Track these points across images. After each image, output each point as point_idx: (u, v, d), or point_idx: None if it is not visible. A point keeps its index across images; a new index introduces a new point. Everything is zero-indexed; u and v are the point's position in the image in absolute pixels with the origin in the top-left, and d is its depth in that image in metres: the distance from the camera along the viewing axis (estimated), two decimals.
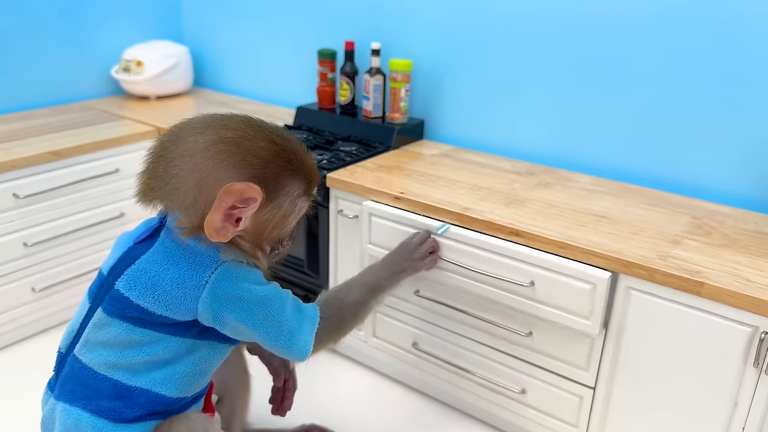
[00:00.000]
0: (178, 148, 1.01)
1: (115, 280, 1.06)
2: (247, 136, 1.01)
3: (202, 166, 0.99)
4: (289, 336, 1.09)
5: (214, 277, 1.03)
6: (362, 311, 1.25)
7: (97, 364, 1.07)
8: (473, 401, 1.69)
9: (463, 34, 1.95)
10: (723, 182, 1.63)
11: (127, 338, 1.05)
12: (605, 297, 1.31)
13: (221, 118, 1.05)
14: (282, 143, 1.04)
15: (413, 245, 1.42)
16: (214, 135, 1.00)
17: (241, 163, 1.00)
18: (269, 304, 1.07)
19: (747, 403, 1.25)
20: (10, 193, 1.85)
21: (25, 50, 2.30)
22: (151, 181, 1.03)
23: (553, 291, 1.36)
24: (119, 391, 1.07)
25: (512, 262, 1.41)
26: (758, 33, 1.50)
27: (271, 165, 1.02)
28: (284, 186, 1.05)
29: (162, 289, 1.03)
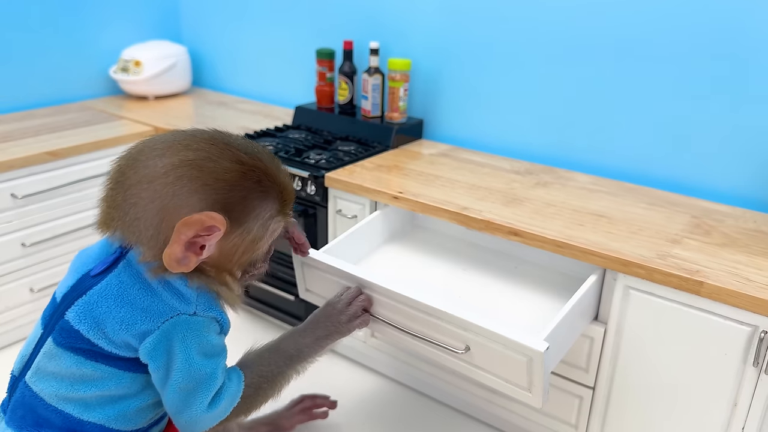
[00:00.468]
0: (136, 174, 0.92)
1: (66, 310, 1.00)
2: (211, 157, 0.92)
3: (161, 194, 0.90)
4: (193, 416, 1.02)
5: (164, 326, 0.97)
6: (280, 385, 1.13)
7: (47, 395, 1.01)
8: (473, 401, 1.69)
9: (462, 33, 1.94)
10: (722, 181, 1.63)
11: (79, 371, 0.99)
12: (542, 369, 1.11)
13: (183, 137, 0.95)
14: (250, 162, 0.95)
15: (341, 306, 1.21)
16: (174, 158, 0.91)
17: (203, 188, 0.91)
18: (195, 377, 0.99)
19: (747, 403, 1.25)
20: (8, 194, 1.84)
21: (23, 50, 2.29)
22: (110, 210, 0.96)
23: (489, 359, 1.18)
24: (71, 425, 1.02)
25: (446, 324, 1.19)
26: (758, 33, 1.49)
27: (237, 188, 0.93)
28: (253, 209, 0.96)
29: (111, 327, 0.97)
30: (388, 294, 1.21)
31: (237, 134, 1.00)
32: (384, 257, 1.58)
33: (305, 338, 1.16)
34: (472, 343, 1.16)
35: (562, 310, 1.21)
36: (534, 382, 1.13)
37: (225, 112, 2.37)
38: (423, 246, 1.63)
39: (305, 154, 1.90)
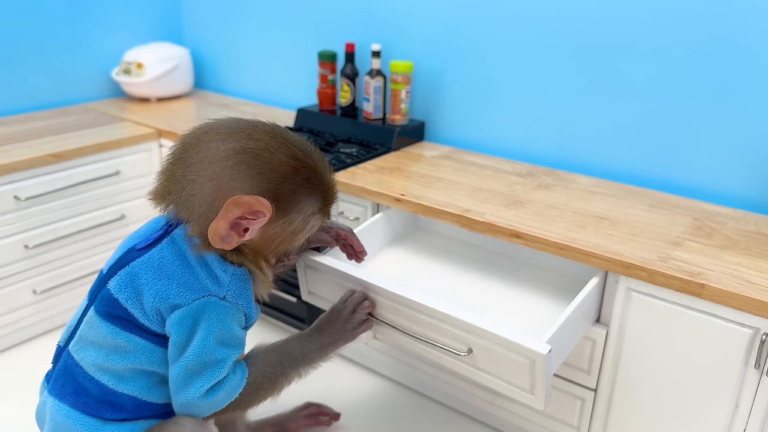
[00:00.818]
0: (198, 154, 0.99)
1: (109, 280, 1.06)
2: (269, 149, 0.99)
3: (219, 175, 0.97)
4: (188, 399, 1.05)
5: (194, 304, 1.02)
6: (281, 386, 1.16)
7: (86, 364, 1.08)
8: (475, 403, 1.69)
9: (464, 35, 1.95)
10: (724, 183, 1.63)
11: (113, 342, 1.05)
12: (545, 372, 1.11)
13: (246, 126, 1.02)
14: (303, 159, 1.02)
15: (345, 314, 1.22)
16: (236, 144, 0.98)
17: (258, 176, 0.98)
18: (205, 360, 1.03)
19: (748, 405, 1.25)
20: (11, 196, 1.85)
21: (25, 53, 2.30)
22: (168, 183, 1.02)
23: (492, 361, 1.18)
24: (106, 395, 1.07)
25: (449, 327, 1.19)
26: (758, 35, 1.50)
27: (288, 181, 1.00)
28: (298, 203, 1.02)
29: (147, 297, 1.02)
30: (390, 296, 1.22)
31: (293, 133, 1.07)
32: (386, 259, 1.58)
33: (311, 344, 1.17)
34: (475, 346, 1.16)
35: (564, 312, 1.22)
36: (536, 385, 1.13)
37: (227, 114, 2.36)
38: (425, 248, 1.64)
39: None
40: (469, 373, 1.22)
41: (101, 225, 2.09)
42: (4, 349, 1.99)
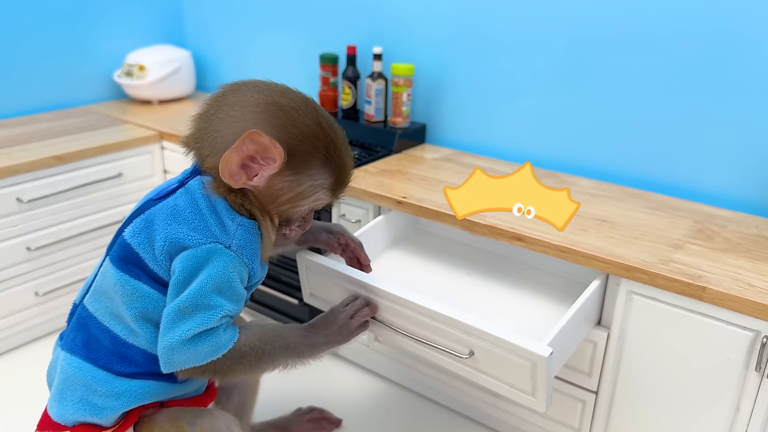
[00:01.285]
0: (234, 98, 1.04)
1: (125, 228, 1.10)
2: (298, 110, 1.03)
3: (246, 119, 1.02)
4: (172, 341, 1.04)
5: (201, 248, 1.04)
6: (265, 366, 1.13)
7: (100, 314, 1.11)
8: (476, 405, 1.70)
9: (465, 38, 1.95)
10: (724, 186, 1.63)
11: (122, 289, 1.08)
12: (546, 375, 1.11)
13: (284, 88, 1.07)
14: (328, 130, 1.06)
15: (343, 318, 1.21)
16: (269, 97, 1.03)
17: (281, 127, 1.02)
18: (198, 304, 1.03)
19: (749, 408, 1.25)
20: (13, 198, 1.85)
21: (27, 55, 2.30)
22: (200, 122, 1.06)
23: (493, 363, 1.18)
24: (117, 346, 1.10)
25: (450, 329, 1.19)
26: (759, 38, 1.50)
27: (307, 143, 1.03)
28: (311, 167, 1.05)
29: (159, 243, 1.05)
30: (392, 299, 1.22)
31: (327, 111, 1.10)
32: (388, 262, 1.59)
33: (305, 339, 1.17)
34: (476, 348, 1.17)
35: (565, 315, 1.22)
36: (538, 387, 1.13)
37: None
38: (426, 251, 1.64)
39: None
40: (471, 376, 1.23)
41: (103, 227, 2.10)
42: (7, 351, 2.00)
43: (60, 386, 1.13)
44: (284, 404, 1.76)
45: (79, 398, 1.11)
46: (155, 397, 1.15)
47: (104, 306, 1.11)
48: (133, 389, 1.11)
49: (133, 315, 1.08)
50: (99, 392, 1.10)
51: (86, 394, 1.11)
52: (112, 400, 1.10)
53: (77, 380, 1.11)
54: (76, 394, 1.11)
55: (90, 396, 1.10)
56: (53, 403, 1.14)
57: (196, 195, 1.07)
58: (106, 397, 1.10)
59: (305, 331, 1.18)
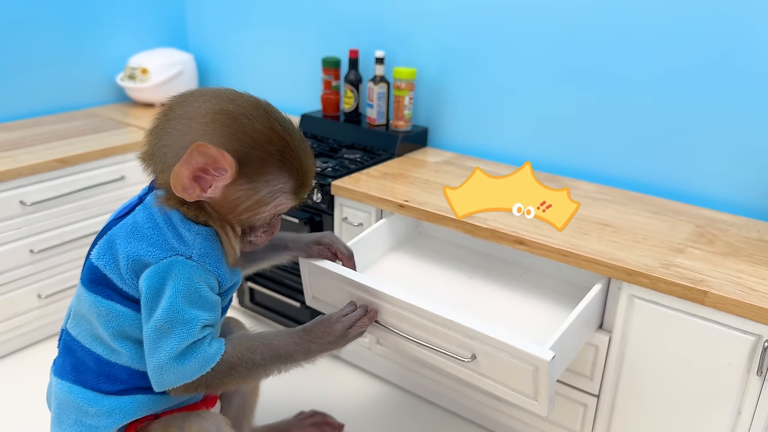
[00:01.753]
0: (181, 110, 1.02)
1: (91, 251, 1.11)
2: (248, 115, 1.01)
3: (194, 130, 1.00)
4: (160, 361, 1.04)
5: (162, 263, 1.03)
6: (257, 376, 1.13)
7: (82, 337, 1.12)
8: (478, 408, 1.70)
9: (467, 42, 1.96)
10: (726, 190, 1.64)
11: (96, 311, 1.08)
12: (548, 379, 1.11)
13: (231, 94, 1.04)
14: (281, 133, 1.03)
15: (340, 328, 1.18)
16: (217, 105, 1.01)
17: (230, 136, 0.99)
18: (174, 320, 1.03)
19: (750, 411, 1.26)
20: (16, 201, 1.86)
21: (30, 58, 2.31)
22: (152, 137, 1.05)
23: (495, 367, 1.18)
24: (102, 366, 1.11)
25: (452, 333, 1.20)
26: (761, 42, 1.51)
27: (259, 148, 1.01)
28: (266, 173, 1.03)
29: (123, 263, 1.05)
30: (394, 302, 1.23)
31: (282, 114, 1.08)
32: (390, 265, 1.59)
33: (298, 346, 1.15)
34: (478, 352, 1.17)
35: (567, 318, 1.23)
36: (540, 391, 1.14)
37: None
38: (428, 254, 1.65)
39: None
40: (473, 379, 1.23)
41: None
42: (10, 353, 2.00)
43: (56, 411, 1.15)
44: (286, 408, 1.76)
45: (74, 421, 1.12)
46: (147, 410, 1.15)
47: (84, 329, 1.12)
48: (124, 406, 1.12)
49: (111, 334, 1.09)
50: (91, 413, 1.11)
51: (80, 416, 1.12)
52: (104, 418, 1.11)
53: (70, 404, 1.12)
54: (71, 417, 1.13)
55: (83, 417, 1.12)
56: (53, 428, 1.17)
57: (153, 210, 1.07)
58: (98, 417, 1.11)
59: (299, 337, 1.16)
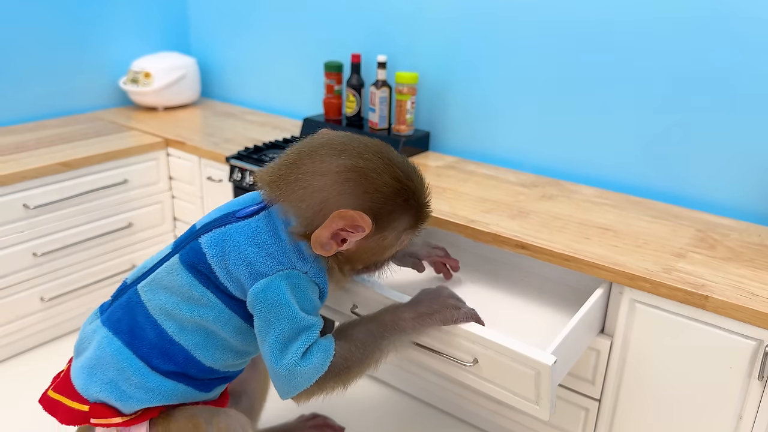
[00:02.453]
0: (313, 165, 1.08)
1: (202, 235, 1.13)
2: (376, 170, 1.07)
3: (329, 188, 1.06)
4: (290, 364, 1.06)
5: (279, 274, 1.08)
6: (372, 354, 1.14)
7: (152, 306, 1.13)
8: (480, 412, 1.70)
9: (469, 47, 1.97)
10: (727, 195, 1.64)
11: (188, 292, 1.11)
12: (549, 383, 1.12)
13: (358, 145, 1.10)
14: (404, 181, 1.10)
15: (448, 292, 1.21)
16: (348, 161, 1.07)
17: (363, 194, 1.06)
18: (298, 328, 1.07)
19: (752, 416, 1.26)
20: (20, 204, 1.87)
21: (34, 61, 2.32)
22: (279, 182, 1.10)
23: (497, 371, 1.18)
24: (162, 342, 1.12)
25: (454, 337, 1.20)
26: (763, 47, 1.51)
27: (389, 202, 1.08)
28: (394, 221, 1.10)
29: (233, 261, 1.09)
30: None
31: (397, 153, 1.15)
32: (391, 269, 1.59)
33: (406, 312, 1.17)
34: (480, 356, 1.18)
35: (569, 323, 1.23)
36: (541, 395, 1.14)
37: (234, 123, 2.39)
38: None
39: None
40: (475, 383, 1.23)
41: (109, 233, 2.11)
42: (12, 356, 2.01)
43: (93, 361, 1.14)
44: (288, 411, 1.77)
45: (109, 380, 1.13)
46: (181, 399, 1.17)
47: (159, 300, 1.13)
48: (165, 388, 1.13)
49: (190, 318, 1.11)
50: (131, 381, 1.12)
51: (118, 378, 1.12)
52: (142, 392, 1.12)
53: (113, 363, 1.13)
54: (107, 374, 1.13)
55: (121, 382, 1.12)
56: (80, 374, 1.15)
57: (278, 223, 1.11)
58: (136, 388, 1.12)
59: (405, 305, 1.19)
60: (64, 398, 1.16)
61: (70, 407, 1.15)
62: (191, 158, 2.15)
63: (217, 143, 2.13)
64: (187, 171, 2.19)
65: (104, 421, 1.13)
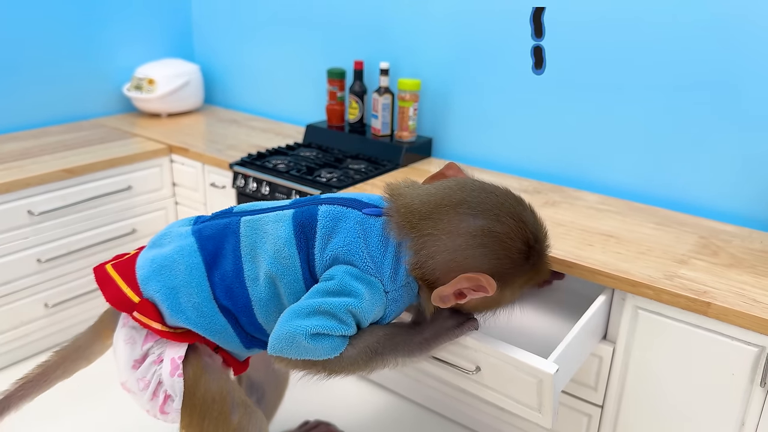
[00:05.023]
0: (450, 224, 1.08)
1: (323, 203, 1.15)
2: (510, 235, 1.08)
3: (461, 250, 1.07)
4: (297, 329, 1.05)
5: (368, 277, 1.09)
6: (376, 364, 1.15)
7: (244, 242, 1.15)
8: (482, 418, 1.70)
9: (471, 54, 1.97)
10: (730, 201, 1.64)
11: (282, 248, 1.12)
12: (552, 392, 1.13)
13: (494, 204, 1.10)
14: (535, 247, 1.11)
15: (452, 323, 1.20)
16: (486, 224, 1.07)
17: (494, 260, 1.07)
18: (334, 313, 1.06)
19: (754, 422, 1.26)
20: (24, 210, 1.88)
21: (39, 69, 2.33)
22: (412, 221, 1.10)
23: (499, 379, 1.20)
24: (234, 279, 1.14)
25: (457, 345, 1.21)
26: (763, 51, 1.51)
27: (518, 267, 1.09)
28: (516, 280, 1.11)
29: (337, 240, 1.11)
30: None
31: (529, 205, 1.16)
32: None
33: (413, 336, 1.17)
34: (483, 364, 1.18)
35: (572, 330, 1.23)
36: (544, 403, 1.14)
37: (237, 130, 2.40)
38: None
39: (317, 173, 1.92)
40: (477, 391, 1.24)
41: (113, 239, 2.12)
42: (17, 362, 2.01)
43: (167, 260, 1.15)
44: (291, 417, 1.77)
45: (173, 286, 1.13)
46: (223, 340, 1.17)
47: (252, 239, 1.14)
48: (216, 320, 1.14)
49: (269, 271, 1.12)
50: (191, 298, 1.13)
51: (181, 289, 1.13)
52: (194, 313, 1.13)
53: (184, 273, 1.14)
54: (174, 280, 1.14)
55: (182, 294, 1.13)
56: (148, 266, 1.16)
57: (391, 235, 1.11)
58: (192, 307, 1.13)
59: (411, 328, 1.19)
60: (120, 279, 1.17)
61: (121, 290, 1.16)
62: (195, 165, 2.16)
63: (220, 150, 2.14)
64: (190, 177, 2.20)
65: (145, 320, 1.13)
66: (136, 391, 1.19)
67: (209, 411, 1.16)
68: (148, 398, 1.18)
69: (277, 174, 1.92)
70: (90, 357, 1.28)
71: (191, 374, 1.15)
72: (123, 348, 1.18)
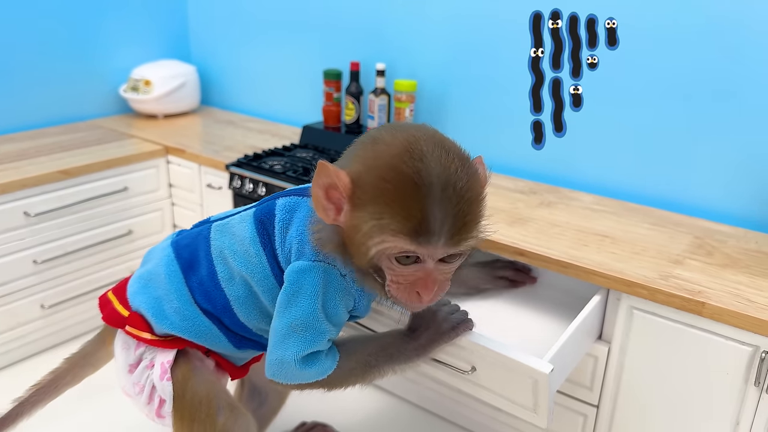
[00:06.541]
0: None
1: (281, 197, 1.15)
2: (392, 144, 0.94)
3: (346, 152, 1.04)
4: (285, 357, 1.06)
5: (319, 265, 1.06)
6: (372, 377, 1.15)
7: (215, 246, 1.17)
8: (478, 419, 1.71)
9: (467, 55, 1.98)
10: (724, 202, 1.65)
11: (247, 247, 1.13)
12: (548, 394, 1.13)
13: (420, 129, 1.01)
14: (414, 166, 0.91)
15: (442, 315, 1.17)
16: (379, 132, 1.01)
17: (360, 158, 0.97)
18: (309, 325, 1.05)
19: (748, 422, 1.26)
20: (20, 211, 1.87)
21: (35, 70, 2.33)
22: None
23: (494, 379, 1.19)
24: (209, 282, 1.16)
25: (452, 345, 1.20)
26: (759, 54, 1.52)
27: (374, 173, 0.93)
28: (376, 203, 0.92)
29: (293, 231, 1.09)
30: (393, 314, 1.24)
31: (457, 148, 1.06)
32: None
33: (408, 344, 1.16)
34: (478, 364, 1.18)
35: (566, 330, 1.24)
36: (539, 403, 1.15)
37: (233, 131, 2.40)
38: None
39: (313, 174, 1.92)
40: (472, 391, 1.24)
41: (109, 240, 2.12)
42: (12, 363, 2.01)
43: (150, 275, 1.20)
44: (288, 419, 1.77)
45: (156, 297, 1.17)
46: (212, 343, 1.19)
47: (221, 242, 1.16)
48: (199, 324, 1.16)
49: (240, 270, 1.13)
50: (172, 304, 1.16)
51: (163, 298, 1.17)
52: (178, 318, 1.16)
53: (164, 282, 1.17)
54: (157, 291, 1.17)
55: (164, 302, 1.16)
56: (135, 282, 1.22)
57: None
58: (175, 314, 1.16)
59: (406, 335, 1.16)
60: (115, 300, 1.22)
61: (115, 308, 1.21)
62: (191, 166, 2.16)
63: (216, 151, 2.14)
64: (186, 178, 2.20)
65: (136, 332, 1.17)
66: (133, 396, 1.22)
67: (197, 413, 1.17)
68: (144, 402, 1.21)
69: (274, 175, 1.92)
70: (96, 364, 1.32)
71: (180, 378, 1.17)
72: (120, 353, 1.23)
